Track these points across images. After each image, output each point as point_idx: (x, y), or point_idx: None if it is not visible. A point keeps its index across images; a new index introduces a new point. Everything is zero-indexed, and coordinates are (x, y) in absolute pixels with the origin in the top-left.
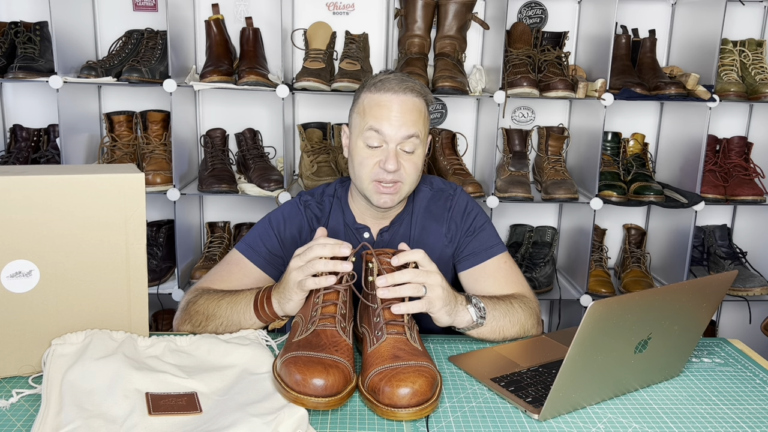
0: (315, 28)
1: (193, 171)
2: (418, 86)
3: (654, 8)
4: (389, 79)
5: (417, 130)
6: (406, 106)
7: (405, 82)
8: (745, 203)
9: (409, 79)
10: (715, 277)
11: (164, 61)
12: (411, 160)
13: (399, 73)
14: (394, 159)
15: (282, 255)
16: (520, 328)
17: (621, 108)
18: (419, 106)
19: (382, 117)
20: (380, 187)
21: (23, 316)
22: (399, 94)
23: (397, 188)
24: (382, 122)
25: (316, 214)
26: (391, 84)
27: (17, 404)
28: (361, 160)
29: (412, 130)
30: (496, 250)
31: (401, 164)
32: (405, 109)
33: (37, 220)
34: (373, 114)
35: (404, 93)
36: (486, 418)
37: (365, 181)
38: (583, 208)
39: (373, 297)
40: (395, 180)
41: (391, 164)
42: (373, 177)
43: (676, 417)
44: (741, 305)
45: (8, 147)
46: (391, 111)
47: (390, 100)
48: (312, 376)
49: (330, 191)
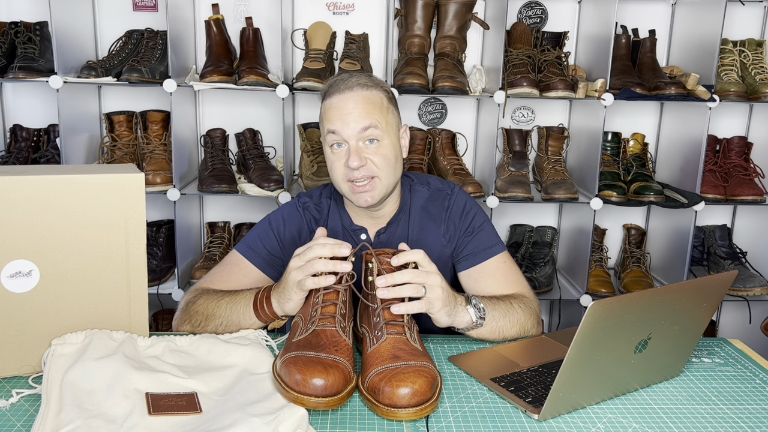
0: (315, 28)
1: (193, 171)
2: (365, 78)
3: (654, 8)
4: (336, 81)
5: (372, 120)
6: (355, 100)
7: (350, 80)
8: (745, 203)
9: (356, 75)
10: (715, 277)
11: (164, 61)
12: (378, 152)
13: (349, 74)
14: (355, 155)
15: (281, 256)
16: (520, 328)
17: (621, 108)
18: (370, 98)
19: (335, 118)
20: (355, 186)
21: (23, 316)
22: (345, 92)
23: (373, 184)
24: (336, 122)
25: (314, 215)
26: (338, 85)
27: (17, 404)
28: (331, 164)
29: (365, 122)
30: (495, 250)
31: (366, 158)
32: (354, 103)
33: (37, 220)
34: (328, 118)
35: (350, 90)
36: (486, 418)
37: (341, 185)
38: (583, 208)
39: (373, 297)
40: (368, 176)
41: (353, 161)
42: (345, 178)
43: (676, 417)
44: (741, 305)
45: (8, 147)
46: (342, 110)
47: (339, 101)
48: (312, 376)
49: (327, 193)
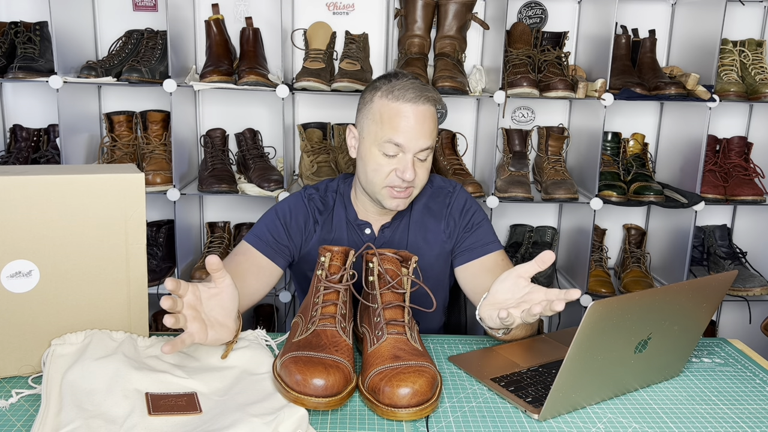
0: (315, 28)
1: (193, 171)
2: (434, 93)
3: (654, 8)
4: (406, 87)
5: (433, 141)
6: (425, 117)
7: (423, 92)
8: (745, 203)
9: (425, 88)
10: (715, 277)
11: (164, 61)
12: (423, 167)
13: (414, 80)
14: (412, 169)
15: (288, 244)
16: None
17: (621, 108)
18: (434, 115)
19: (400, 129)
20: (394, 192)
21: (23, 316)
22: (418, 104)
23: (409, 192)
24: (401, 134)
25: (318, 207)
26: (410, 94)
27: (17, 404)
28: (376, 167)
29: (429, 142)
30: (492, 247)
31: (416, 172)
32: (423, 120)
33: (37, 220)
34: (392, 125)
35: (423, 103)
36: (486, 418)
37: (377, 186)
38: (583, 208)
39: (373, 297)
40: (410, 185)
41: (409, 174)
42: (386, 182)
43: (676, 417)
44: (741, 305)
45: (8, 147)
46: (409, 122)
47: (408, 111)
48: (312, 376)
49: (333, 186)
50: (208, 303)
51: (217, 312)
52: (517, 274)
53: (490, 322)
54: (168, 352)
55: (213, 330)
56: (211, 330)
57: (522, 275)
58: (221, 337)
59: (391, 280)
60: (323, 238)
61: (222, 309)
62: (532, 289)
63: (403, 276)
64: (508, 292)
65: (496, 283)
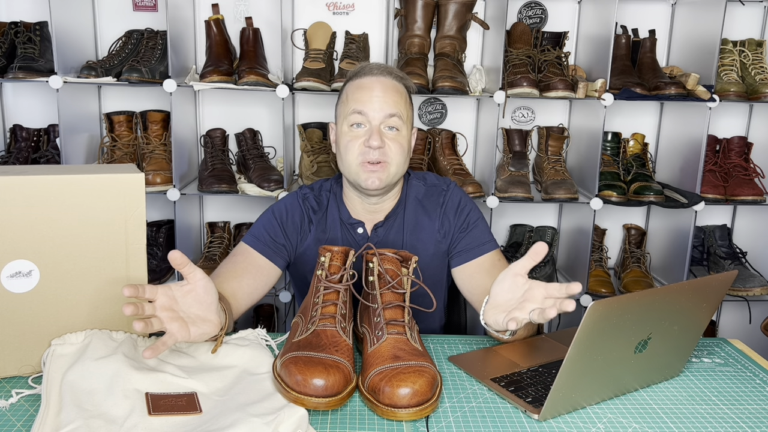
0: (315, 28)
1: (193, 171)
2: (397, 71)
3: (654, 8)
4: (368, 65)
5: (398, 109)
6: (387, 86)
7: (385, 67)
8: (745, 203)
9: (392, 68)
10: (715, 277)
11: (164, 61)
12: (395, 140)
13: (382, 64)
14: (377, 135)
15: (285, 244)
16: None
17: (621, 108)
18: (399, 89)
19: (363, 98)
20: (368, 166)
21: (23, 316)
22: (379, 76)
23: (384, 167)
24: (365, 103)
25: (313, 207)
26: (371, 68)
27: (17, 404)
28: (347, 142)
29: (393, 110)
30: (488, 247)
31: (386, 143)
32: (386, 89)
33: (37, 220)
34: (355, 98)
35: (383, 75)
36: (486, 418)
37: (353, 165)
38: (583, 208)
39: (373, 297)
40: (382, 159)
41: (375, 140)
42: (359, 158)
43: (676, 417)
44: (741, 305)
45: (8, 147)
46: (372, 91)
47: (371, 82)
48: (312, 376)
49: (328, 186)
50: (184, 300)
51: (195, 308)
52: (514, 272)
53: (497, 327)
54: (149, 357)
55: (195, 326)
56: (193, 326)
57: (519, 273)
58: (205, 332)
59: (391, 280)
60: (318, 237)
61: (200, 304)
62: (532, 286)
63: (403, 276)
64: (508, 293)
65: (495, 286)
